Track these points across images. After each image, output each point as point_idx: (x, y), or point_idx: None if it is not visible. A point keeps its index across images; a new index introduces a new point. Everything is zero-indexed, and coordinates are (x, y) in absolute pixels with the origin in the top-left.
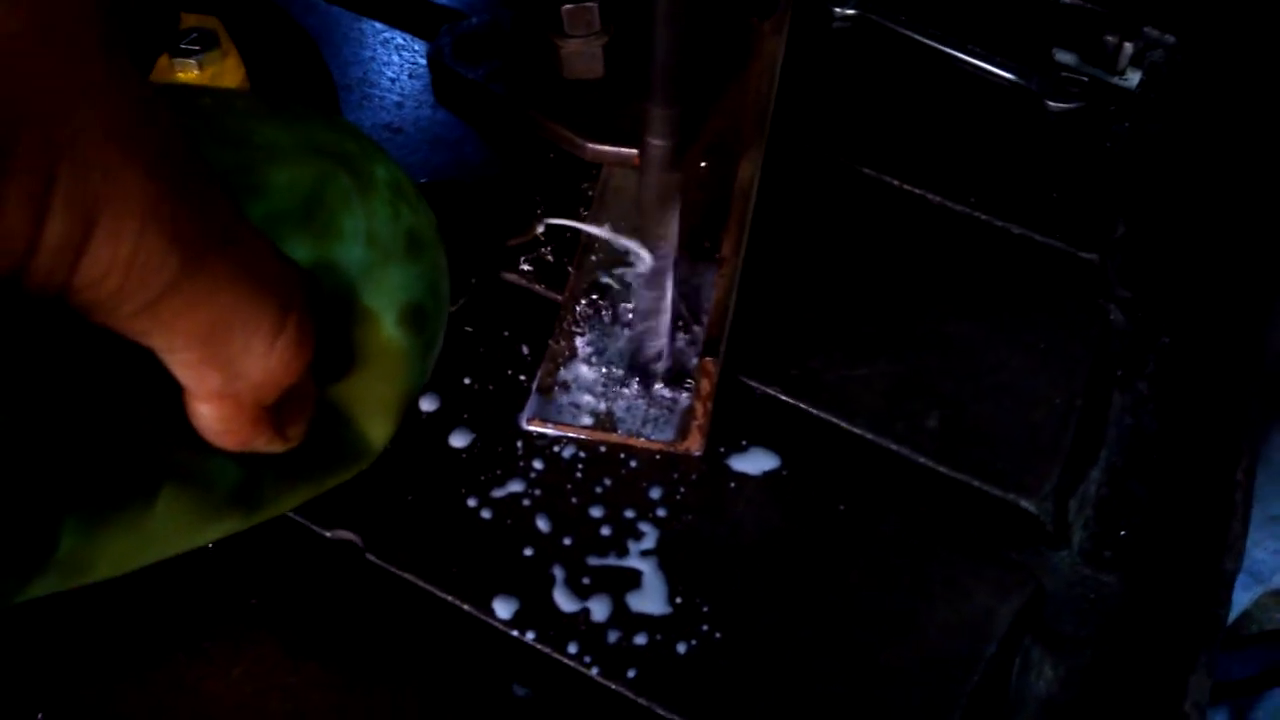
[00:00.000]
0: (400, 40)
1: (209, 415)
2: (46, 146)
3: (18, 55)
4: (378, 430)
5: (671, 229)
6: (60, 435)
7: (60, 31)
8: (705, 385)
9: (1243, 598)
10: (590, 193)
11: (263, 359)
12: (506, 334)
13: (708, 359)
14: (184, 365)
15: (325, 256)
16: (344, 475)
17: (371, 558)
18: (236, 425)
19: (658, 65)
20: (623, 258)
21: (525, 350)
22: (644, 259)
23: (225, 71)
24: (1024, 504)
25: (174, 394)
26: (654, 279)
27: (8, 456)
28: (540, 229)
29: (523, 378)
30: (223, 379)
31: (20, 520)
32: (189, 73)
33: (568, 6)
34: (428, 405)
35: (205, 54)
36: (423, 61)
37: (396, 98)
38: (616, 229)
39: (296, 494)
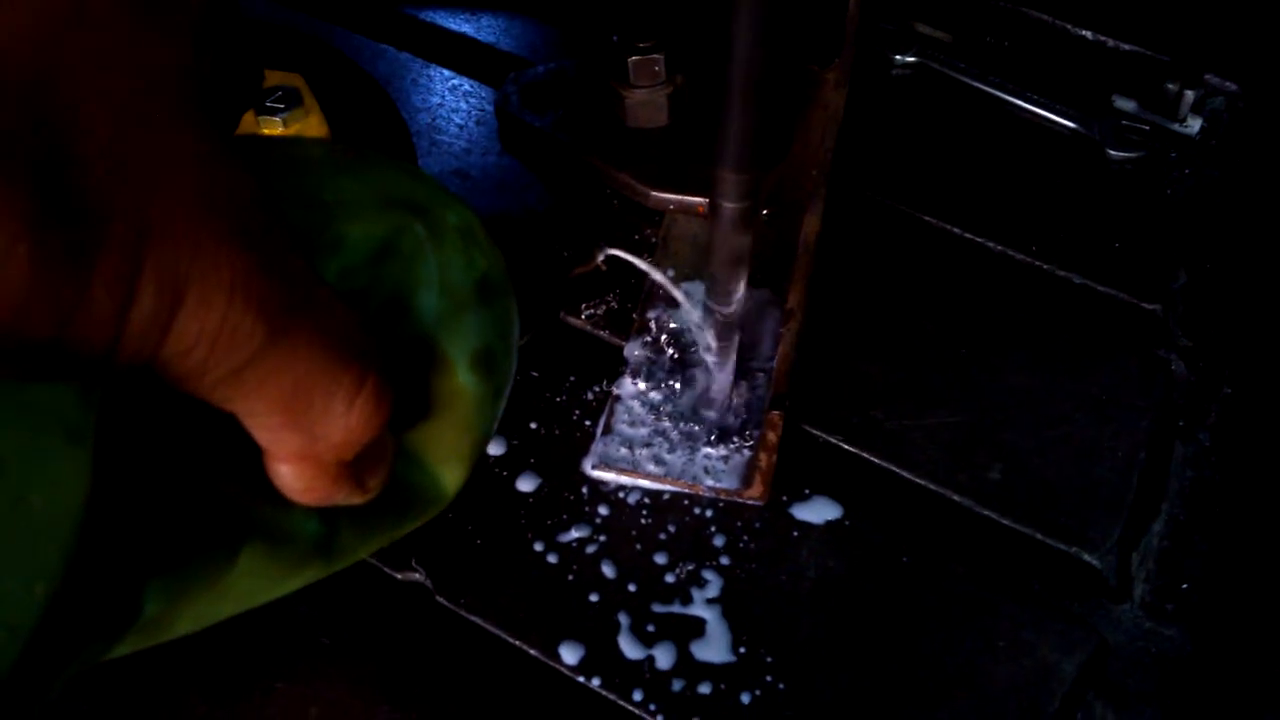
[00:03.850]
0: (468, 87)
1: (290, 475)
2: (137, 227)
3: (107, 126)
4: (451, 476)
5: (740, 285)
6: (145, 501)
7: (154, 102)
8: (771, 437)
9: None
10: (654, 239)
11: (342, 419)
12: (573, 379)
13: (774, 412)
14: (265, 429)
15: (399, 306)
16: (418, 521)
17: (441, 600)
18: (317, 483)
19: (731, 133)
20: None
21: (590, 396)
22: (700, 306)
23: (309, 129)
24: (1086, 557)
25: (254, 451)
26: (721, 331)
27: (96, 525)
28: (601, 258)
29: (588, 423)
30: (303, 441)
31: (107, 588)
32: (274, 129)
33: (634, 58)
34: (495, 449)
35: (290, 111)
36: (490, 108)
37: (464, 144)
38: (678, 275)
39: (373, 542)
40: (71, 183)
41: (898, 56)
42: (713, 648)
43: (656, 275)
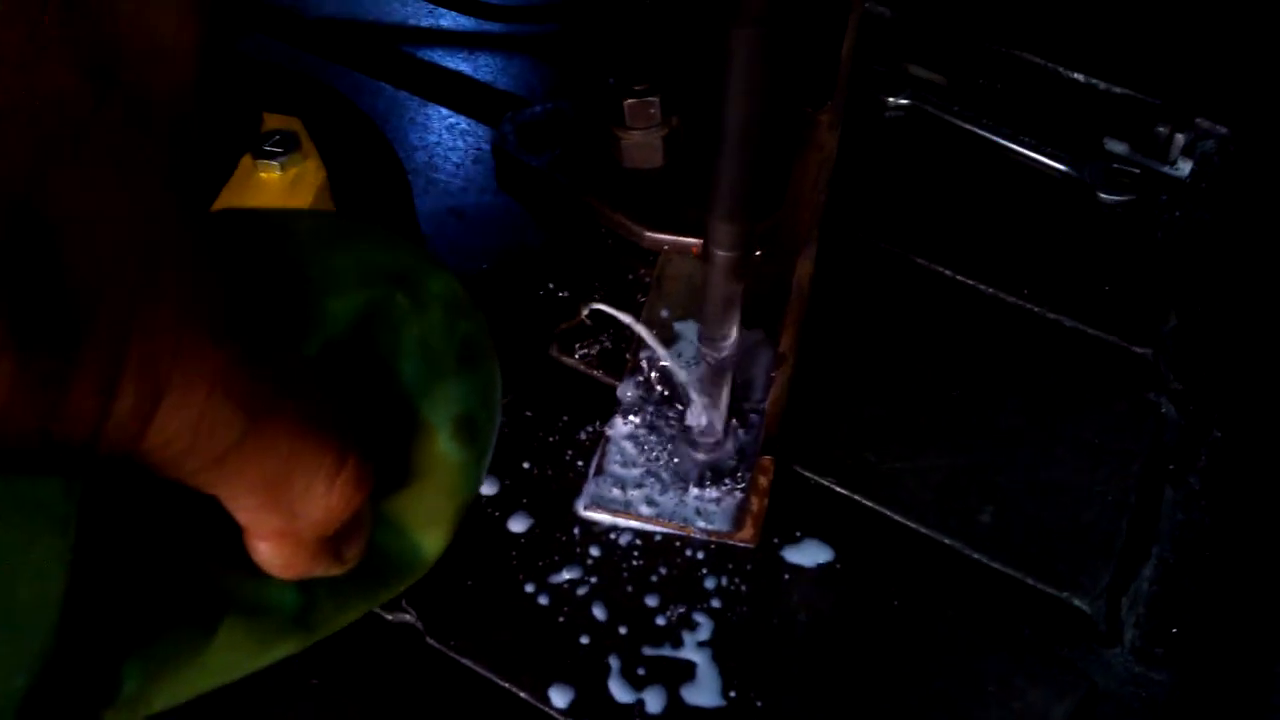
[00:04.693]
0: (465, 126)
1: (269, 551)
2: (119, 329)
3: (90, 233)
4: (432, 542)
5: (733, 330)
6: (123, 579)
7: (136, 202)
8: (762, 481)
9: None
10: (648, 279)
11: (323, 500)
12: (565, 419)
13: (765, 456)
14: (246, 510)
15: (381, 374)
16: (398, 589)
17: (431, 641)
18: (297, 559)
19: (725, 184)
20: (679, 345)
21: (583, 436)
22: (688, 352)
23: (306, 173)
24: (1076, 602)
25: (231, 526)
26: (713, 375)
27: (75, 608)
28: (586, 313)
29: (581, 463)
30: (283, 520)
31: (85, 668)
32: (271, 173)
33: (630, 100)
34: (488, 489)
35: (287, 156)
36: (486, 146)
37: (460, 183)
38: (672, 314)
39: (351, 611)
40: (54, 286)
41: (891, 99)
42: (703, 691)
43: (641, 330)
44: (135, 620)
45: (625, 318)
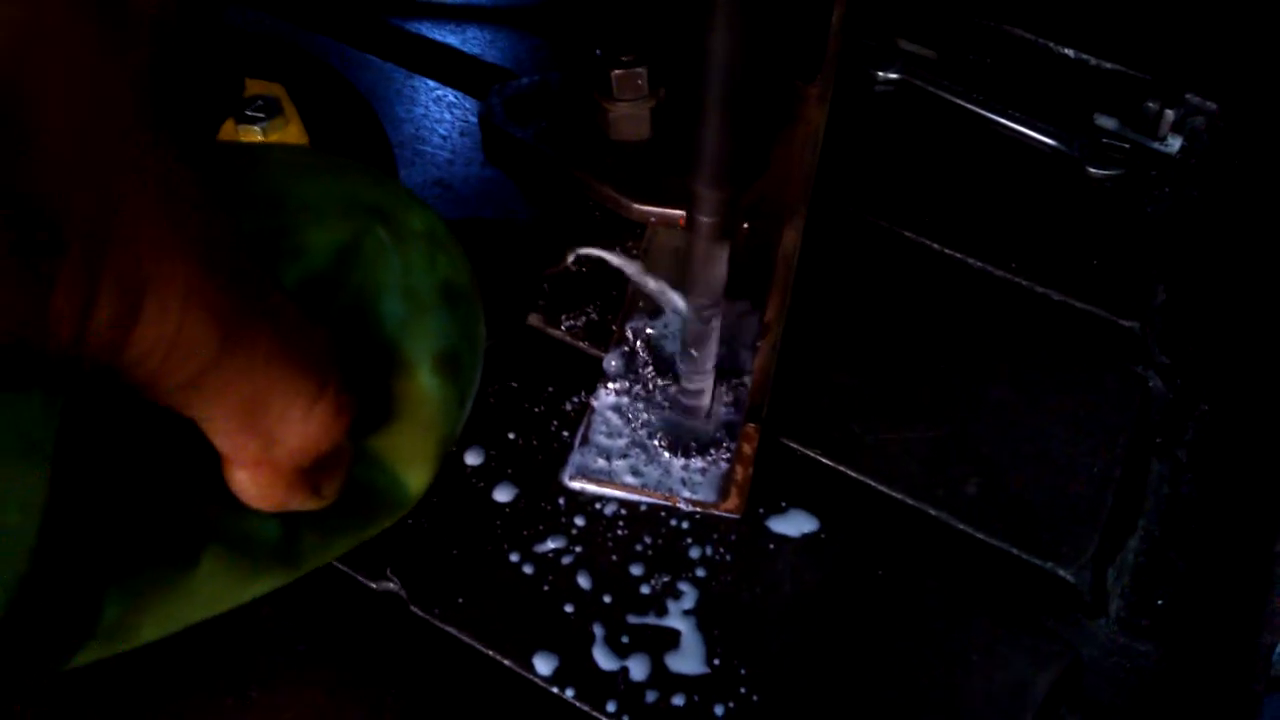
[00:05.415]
0: (452, 98)
1: (246, 480)
2: (96, 235)
3: (67, 135)
4: (415, 479)
5: (718, 297)
6: (103, 506)
7: (113, 111)
8: (747, 449)
9: None
10: (635, 252)
11: (300, 426)
12: (551, 390)
13: (750, 424)
14: (223, 434)
15: (362, 309)
16: (382, 525)
17: (415, 610)
18: (273, 490)
19: (707, 150)
20: (666, 315)
21: (569, 407)
22: (679, 306)
23: (288, 138)
24: (1062, 573)
25: (212, 458)
26: (698, 342)
27: (53, 532)
28: (571, 259)
29: (566, 434)
30: (260, 446)
31: (65, 595)
32: (253, 138)
33: (617, 71)
34: (472, 459)
35: (269, 121)
36: (474, 119)
37: (447, 155)
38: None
39: (336, 546)
40: (31, 191)
41: (881, 73)
42: (687, 659)
43: (629, 268)
44: (115, 548)
45: (614, 258)
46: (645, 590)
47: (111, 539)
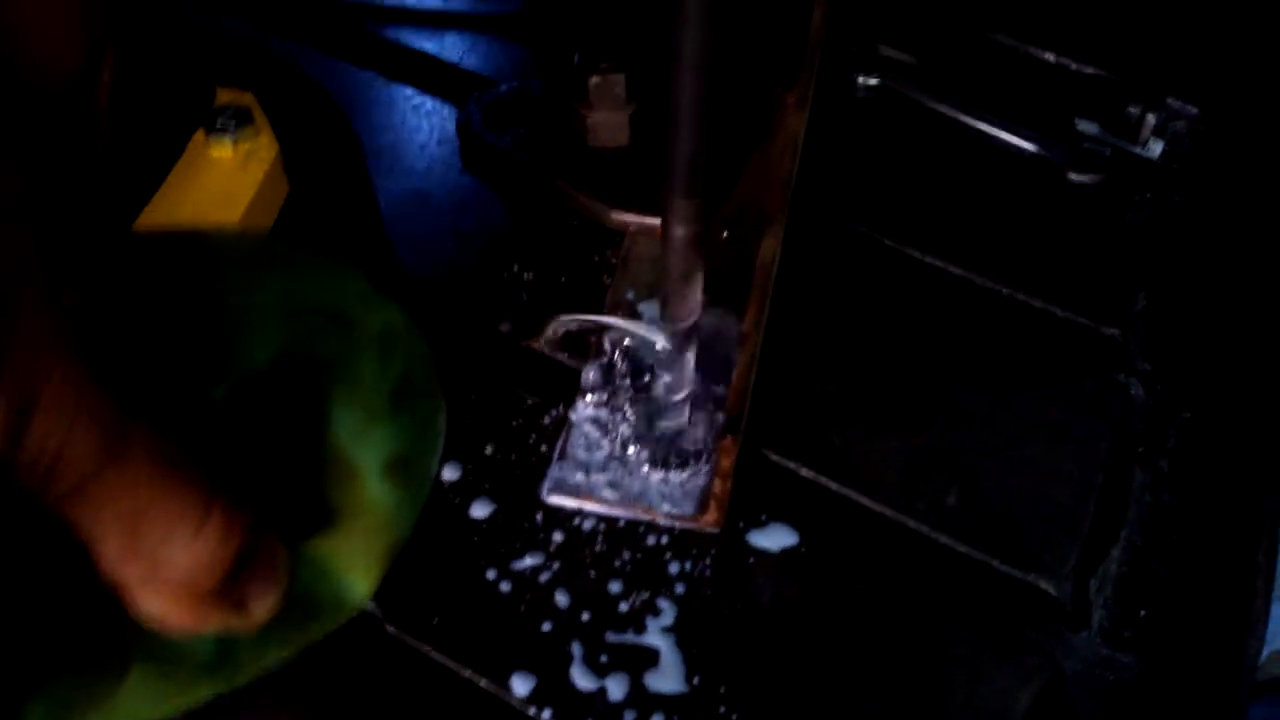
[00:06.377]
0: (430, 106)
1: (147, 605)
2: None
3: None
4: (360, 585)
5: (695, 305)
6: (25, 620)
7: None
8: (725, 462)
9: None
10: (613, 260)
11: (186, 550)
12: (530, 403)
13: (728, 436)
14: (106, 558)
15: (307, 418)
16: (325, 631)
17: (390, 629)
18: (177, 613)
19: (679, 158)
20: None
21: (547, 420)
22: (660, 340)
23: (259, 148)
24: (1043, 584)
25: None
26: (676, 353)
27: None
28: (551, 330)
29: (544, 448)
30: (145, 568)
31: None
32: (223, 150)
33: (594, 78)
34: (449, 474)
35: (239, 131)
36: (452, 127)
37: (425, 163)
38: (638, 295)
39: (272, 655)
40: None
41: (860, 78)
42: (666, 678)
43: (612, 321)
44: (39, 661)
45: (600, 319)
46: (624, 607)
47: (34, 652)
